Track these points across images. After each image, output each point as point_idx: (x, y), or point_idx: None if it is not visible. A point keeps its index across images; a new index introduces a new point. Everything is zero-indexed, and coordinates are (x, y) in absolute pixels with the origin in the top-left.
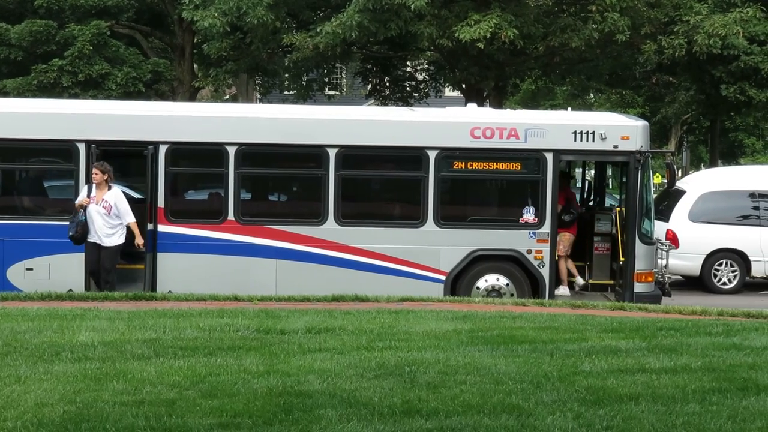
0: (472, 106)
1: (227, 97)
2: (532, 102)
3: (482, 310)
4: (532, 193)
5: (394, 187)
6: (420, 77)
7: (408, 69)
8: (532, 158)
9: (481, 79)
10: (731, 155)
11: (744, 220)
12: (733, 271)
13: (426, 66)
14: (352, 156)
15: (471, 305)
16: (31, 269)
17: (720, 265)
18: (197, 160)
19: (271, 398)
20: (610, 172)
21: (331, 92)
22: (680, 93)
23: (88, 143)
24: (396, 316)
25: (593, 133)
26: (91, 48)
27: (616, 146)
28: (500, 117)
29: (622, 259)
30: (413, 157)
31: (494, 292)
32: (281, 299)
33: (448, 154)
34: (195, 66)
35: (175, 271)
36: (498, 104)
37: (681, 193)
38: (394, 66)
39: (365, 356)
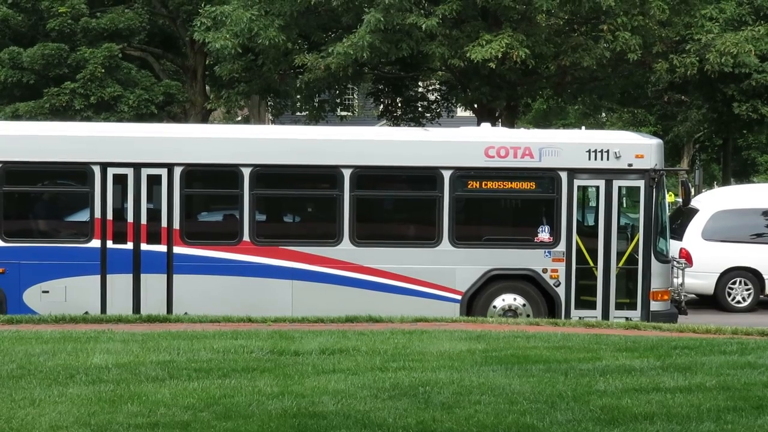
0: (486, 126)
1: (239, 118)
2: (544, 121)
3: (496, 330)
4: (547, 212)
5: (409, 207)
6: (432, 97)
7: (420, 89)
8: (546, 177)
9: (492, 98)
10: (744, 173)
11: (757, 238)
12: (747, 290)
13: (438, 86)
14: (367, 176)
15: (484, 325)
16: (47, 292)
17: (734, 283)
18: (212, 182)
19: (285, 419)
20: (624, 191)
21: (343, 113)
22: (692, 111)
23: (103, 165)
24: (410, 337)
25: (607, 151)
26: (103, 71)
27: (630, 165)
28: (514, 136)
29: (618, 266)
30: (428, 177)
31: (510, 311)
32: (295, 320)
33: (462, 174)
34: (207, 88)
35: (191, 293)
36: (510, 124)
37: (694, 211)
38: (405, 86)
39: (379, 377)
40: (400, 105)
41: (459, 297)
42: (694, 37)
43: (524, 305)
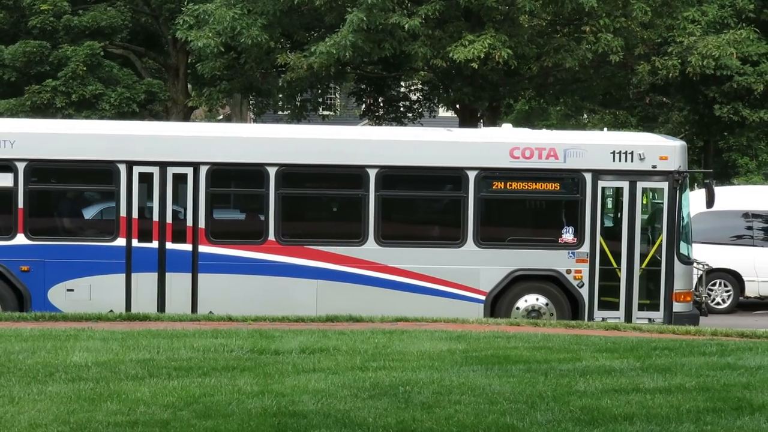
0: (508, 126)
1: (221, 117)
2: (525, 122)
3: (476, 330)
4: (571, 213)
5: (434, 208)
6: (414, 97)
7: (402, 89)
8: (571, 178)
9: (475, 99)
10: (725, 175)
11: (738, 240)
12: (727, 291)
13: (420, 86)
14: (393, 176)
15: (465, 325)
16: (72, 290)
17: (714, 285)
18: (238, 181)
19: (265, 418)
20: (648, 192)
21: (325, 112)
22: (674, 113)
23: (129, 164)
24: (390, 336)
25: (632, 153)
26: (85, 68)
27: (654, 166)
28: (539, 137)
29: (642, 267)
30: (453, 177)
31: (534, 312)
32: (275, 319)
33: (487, 175)
34: (189, 86)
35: (216, 292)
36: (492, 124)
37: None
38: (388, 86)
39: (359, 376)
40: (382, 105)
41: (483, 297)
42: (676, 40)
43: (548, 306)
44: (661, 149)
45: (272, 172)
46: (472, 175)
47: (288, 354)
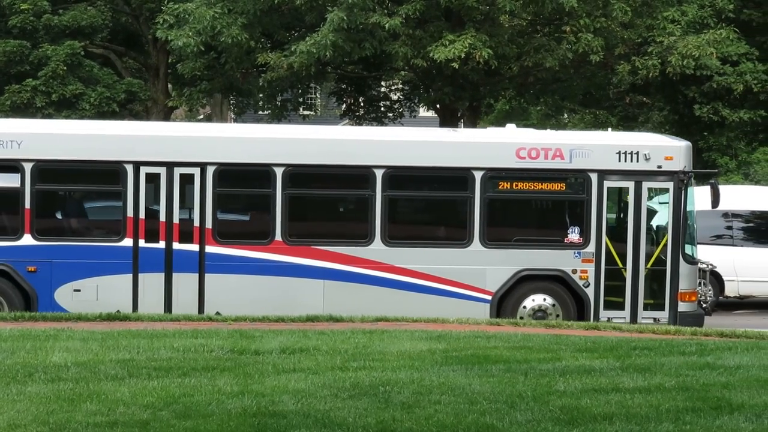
0: (512, 127)
1: (201, 116)
2: (506, 122)
3: (456, 330)
4: (577, 213)
5: (440, 208)
6: (394, 97)
7: (382, 89)
8: (576, 178)
9: (455, 99)
10: (704, 175)
11: (717, 240)
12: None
13: (400, 86)
14: (399, 177)
15: (445, 325)
16: (79, 291)
17: None
18: (245, 181)
19: (245, 419)
20: (653, 192)
21: (306, 112)
22: (654, 113)
23: (136, 164)
24: (370, 336)
25: (637, 153)
26: (65, 68)
27: (659, 166)
28: (545, 138)
29: (647, 267)
30: (459, 177)
31: (540, 312)
32: (255, 319)
33: (493, 175)
34: (169, 86)
35: (223, 292)
36: (472, 124)
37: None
38: (368, 86)
39: (340, 376)
40: (362, 104)
41: (489, 297)
42: (656, 40)
43: (554, 306)
44: (666, 149)
45: (279, 172)
46: (478, 176)
47: (268, 354)
